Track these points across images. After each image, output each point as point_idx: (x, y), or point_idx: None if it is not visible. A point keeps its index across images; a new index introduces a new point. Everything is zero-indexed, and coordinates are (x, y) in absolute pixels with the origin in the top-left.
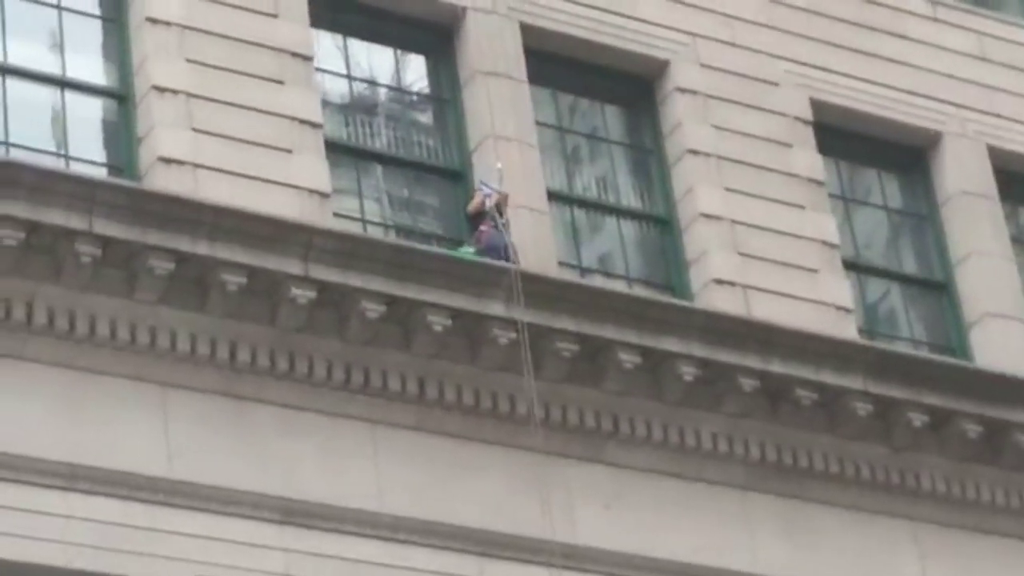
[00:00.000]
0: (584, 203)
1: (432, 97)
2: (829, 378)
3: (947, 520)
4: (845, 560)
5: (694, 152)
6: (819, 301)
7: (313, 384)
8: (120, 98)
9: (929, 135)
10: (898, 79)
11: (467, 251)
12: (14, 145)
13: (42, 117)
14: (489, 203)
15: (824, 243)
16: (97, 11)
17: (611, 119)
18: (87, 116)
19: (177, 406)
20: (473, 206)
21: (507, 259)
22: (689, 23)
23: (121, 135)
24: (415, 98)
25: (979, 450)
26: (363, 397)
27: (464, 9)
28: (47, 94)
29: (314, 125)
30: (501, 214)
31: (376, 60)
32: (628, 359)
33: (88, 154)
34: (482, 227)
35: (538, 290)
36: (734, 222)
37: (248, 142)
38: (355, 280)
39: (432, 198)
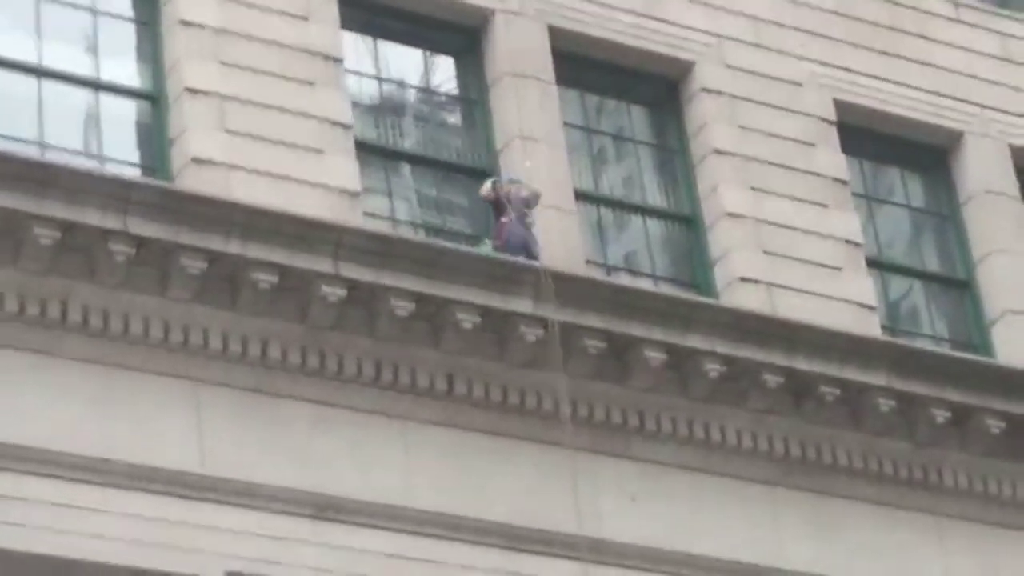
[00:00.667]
0: (611, 202)
1: (460, 98)
2: (853, 375)
3: (970, 515)
4: (869, 555)
5: (719, 152)
6: (843, 299)
7: (343, 381)
8: (153, 100)
9: (951, 135)
10: (921, 79)
11: (486, 246)
12: (49, 146)
13: (77, 119)
14: (515, 193)
15: (848, 241)
16: (131, 14)
17: (637, 119)
18: (121, 118)
19: (210, 403)
20: (485, 192)
21: (530, 255)
22: (714, 24)
23: (154, 136)
24: (443, 99)
25: (1002, 446)
26: (393, 394)
27: (492, 11)
28: (82, 96)
29: (344, 126)
30: (529, 210)
31: (405, 62)
32: (654, 356)
33: (122, 155)
34: (503, 219)
35: (566, 288)
36: (759, 221)
37: (279, 143)
38: (385, 278)
39: (460, 197)
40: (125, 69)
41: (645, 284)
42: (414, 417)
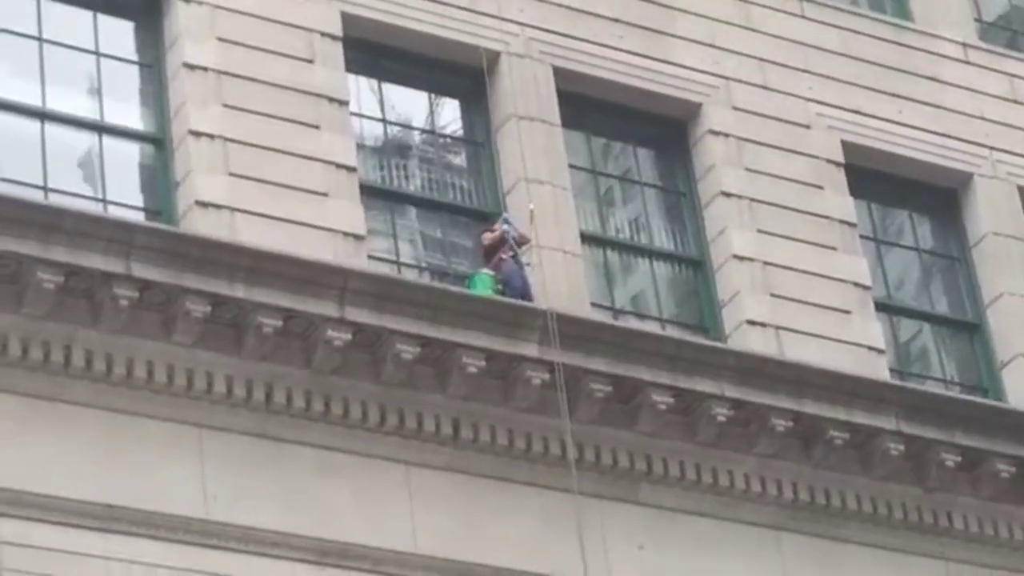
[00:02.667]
0: (617, 245)
1: (466, 140)
2: (861, 418)
3: (980, 560)
4: None
5: (726, 194)
6: (851, 342)
7: (348, 425)
8: (158, 143)
9: (960, 177)
10: (929, 121)
11: (485, 275)
12: (53, 190)
13: (81, 162)
14: (511, 235)
15: (856, 284)
16: (135, 57)
17: (644, 161)
18: (125, 161)
19: (214, 448)
20: (490, 239)
21: (525, 295)
22: (721, 66)
23: (159, 179)
24: (449, 141)
25: (1012, 490)
26: (398, 438)
27: (498, 53)
28: (86, 139)
29: (349, 169)
30: (519, 251)
31: (411, 104)
32: (661, 400)
33: (126, 198)
34: (501, 255)
35: (572, 331)
36: (766, 263)
37: (284, 186)
38: (390, 322)
39: (466, 240)
40: (129, 112)
41: (652, 327)
42: (419, 462)
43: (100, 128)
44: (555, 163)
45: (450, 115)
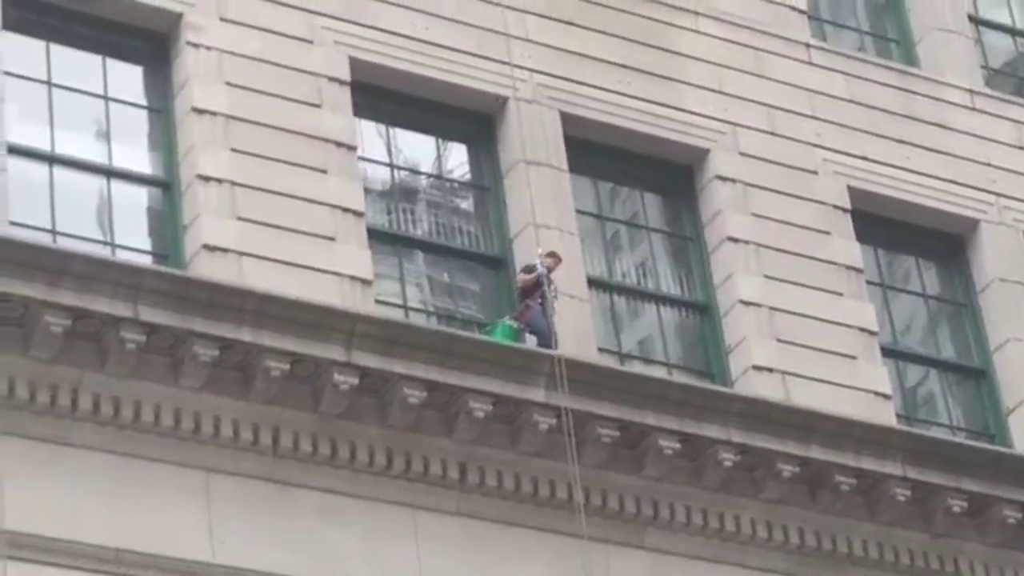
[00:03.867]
0: (624, 290)
1: (473, 185)
2: (868, 464)
3: None
4: None
5: (733, 239)
6: (858, 387)
7: (355, 469)
8: (166, 186)
9: (967, 223)
10: (936, 167)
11: (506, 326)
12: (61, 233)
13: (89, 205)
14: (544, 275)
15: (862, 330)
16: (143, 101)
17: (651, 207)
18: (133, 204)
19: (220, 491)
20: (524, 281)
21: (548, 343)
22: (729, 112)
23: (167, 223)
24: (457, 186)
25: (1019, 536)
26: (404, 482)
27: (505, 98)
28: (94, 183)
29: (357, 213)
30: (551, 293)
31: (418, 149)
32: (668, 445)
33: (134, 242)
34: (529, 302)
35: (579, 376)
36: (773, 309)
37: (292, 230)
38: (397, 366)
39: (473, 284)
40: (138, 156)
41: (659, 372)
42: (426, 506)
43: (109, 172)
44: (562, 208)
45: (458, 160)
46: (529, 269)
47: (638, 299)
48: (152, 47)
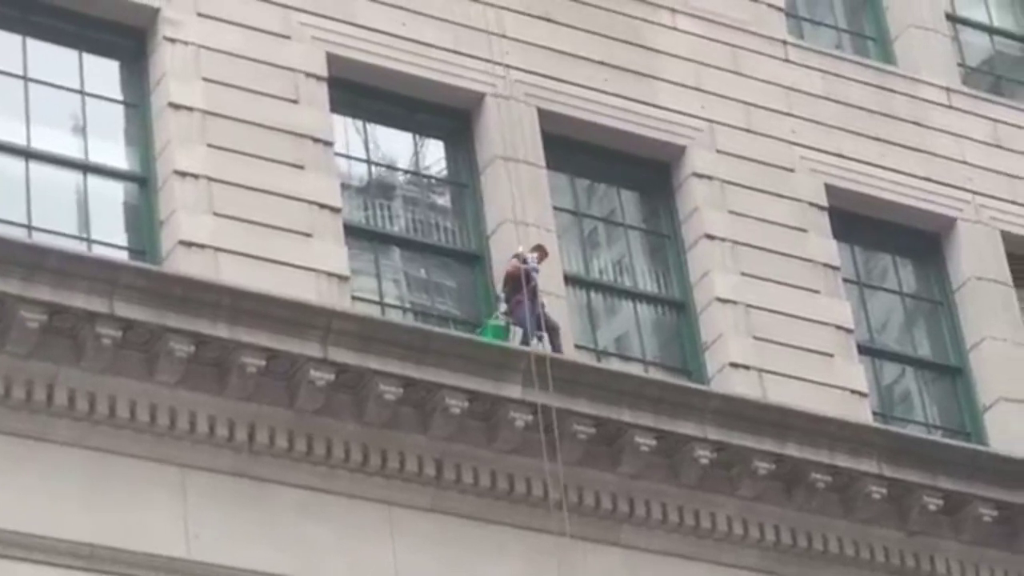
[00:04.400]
0: (601, 287)
1: (450, 181)
2: (844, 462)
3: None
4: None
5: (710, 237)
6: (834, 385)
7: (331, 466)
8: (142, 182)
9: (944, 221)
10: (913, 165)
11: (496, 326)
12: (37, 229)
13: (65, 200)
14: (533, 274)
15: (839, 327)
16: (120, 96)
17: (628, 204)
18: (109, 200)
19: (196, 487)
20: (514, 268)
21: (529, 339)
22: (706, 109)
23: (143, 219)
24: (433, 182)
25: (994, 534)
26: (380, 479)
27: (483, 95)
28: (70, 178)
29: (333, 209)
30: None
31: (395, 145)
32: (644, 442)
33: (110, 237)
34: (518, 297)
35: (555, 373)
36: (749, 306)
37: (268, 226)
38: (373, 362)
39: (450, 281)
40: (114, 151)
41: (635, 369)
42: (402, 503)
43: (85, 167)
44: (540, 205)
45: (435, 156)
46: (521, 258)
47: (615, 296)
48: (129, 42)
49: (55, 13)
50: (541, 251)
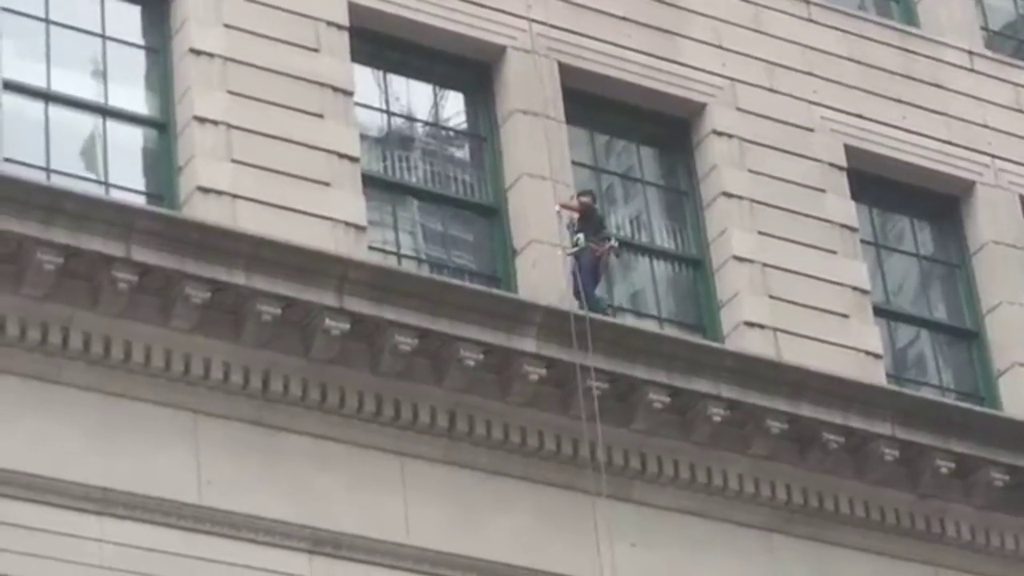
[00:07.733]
0: (618, 242)
1: (469, 134)
2: (857, 423)
3: (971, 567)
4: None
5: (728, 195)
6: (849, 346)
7: (344, 415)
8: (161, 127)
9: (962, 184)
10: (933, 128)
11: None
12: (55, 171)
13: (84, 144)
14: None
15: (855, 289)
16: (141, 41)
17: (646, 160)
18: (128, 144)
19: (209, 434)
20: (584, 206)
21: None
22: (727, 68)
23: (161, 164)
24: (452, 134)
25: (1004, 499)
26: (393, 429)
27: (503, 47)
28: (89, 122)
29: (352, 159)
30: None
31: (415, 96)
32: (657, 399)
33: (128, 182)
34: (596, 250)
35: (568, 328)
36: (766, 265)
37: (286, 174)
38: (388, 313)
39: (467, 233)
40: (134, 96)
41: (650, 326)
42: (414, 454)
43: (104, 111)
44: (558, 159)
45: (454, 108)
46: (588, 194)
47: (631, 252)
48: None
49: None
50: (590, 195)
